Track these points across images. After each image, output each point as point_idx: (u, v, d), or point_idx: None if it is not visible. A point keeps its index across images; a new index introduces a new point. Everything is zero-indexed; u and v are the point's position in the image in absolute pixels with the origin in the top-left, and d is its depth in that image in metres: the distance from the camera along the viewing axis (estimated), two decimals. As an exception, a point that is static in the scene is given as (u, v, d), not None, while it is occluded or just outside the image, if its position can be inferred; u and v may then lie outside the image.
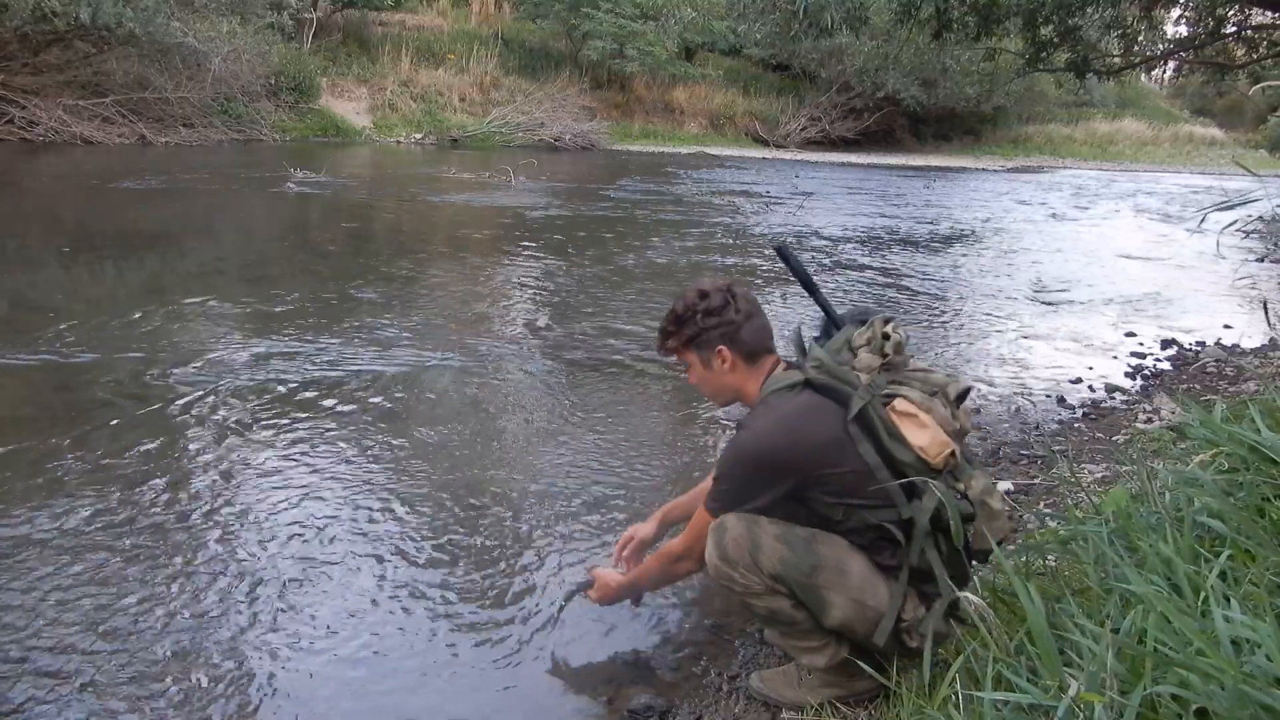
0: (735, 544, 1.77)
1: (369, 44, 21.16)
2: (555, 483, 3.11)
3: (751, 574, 1.77)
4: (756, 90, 26.51)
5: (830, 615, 1.76)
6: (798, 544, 1.76)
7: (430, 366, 4.29)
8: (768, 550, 1.75)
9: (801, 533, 1.77)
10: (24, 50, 13.55)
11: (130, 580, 2.34)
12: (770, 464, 1.77)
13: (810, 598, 1.76)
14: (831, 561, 1.75)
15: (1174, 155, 30.90)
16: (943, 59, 22.82)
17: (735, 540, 1.77)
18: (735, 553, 1.77)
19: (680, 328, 1.93)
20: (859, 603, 1.75)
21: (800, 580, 1.75)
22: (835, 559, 1.75)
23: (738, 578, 1.78)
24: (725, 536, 1.78)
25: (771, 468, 1.77)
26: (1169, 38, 14.08)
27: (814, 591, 1.75)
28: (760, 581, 1.77)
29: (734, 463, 1.82)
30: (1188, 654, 1.21)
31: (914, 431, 1.72)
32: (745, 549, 1.76)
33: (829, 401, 1.76)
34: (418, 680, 2.06)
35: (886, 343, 1.80)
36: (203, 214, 8.77)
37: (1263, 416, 1.85)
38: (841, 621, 1.76)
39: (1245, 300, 7.35)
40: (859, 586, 1.75)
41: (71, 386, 3.80)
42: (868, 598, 1.75)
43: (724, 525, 1.79)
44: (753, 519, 1.78)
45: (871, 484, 1.71)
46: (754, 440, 1.80)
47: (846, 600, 1.74)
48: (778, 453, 1.77)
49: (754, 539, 1.76)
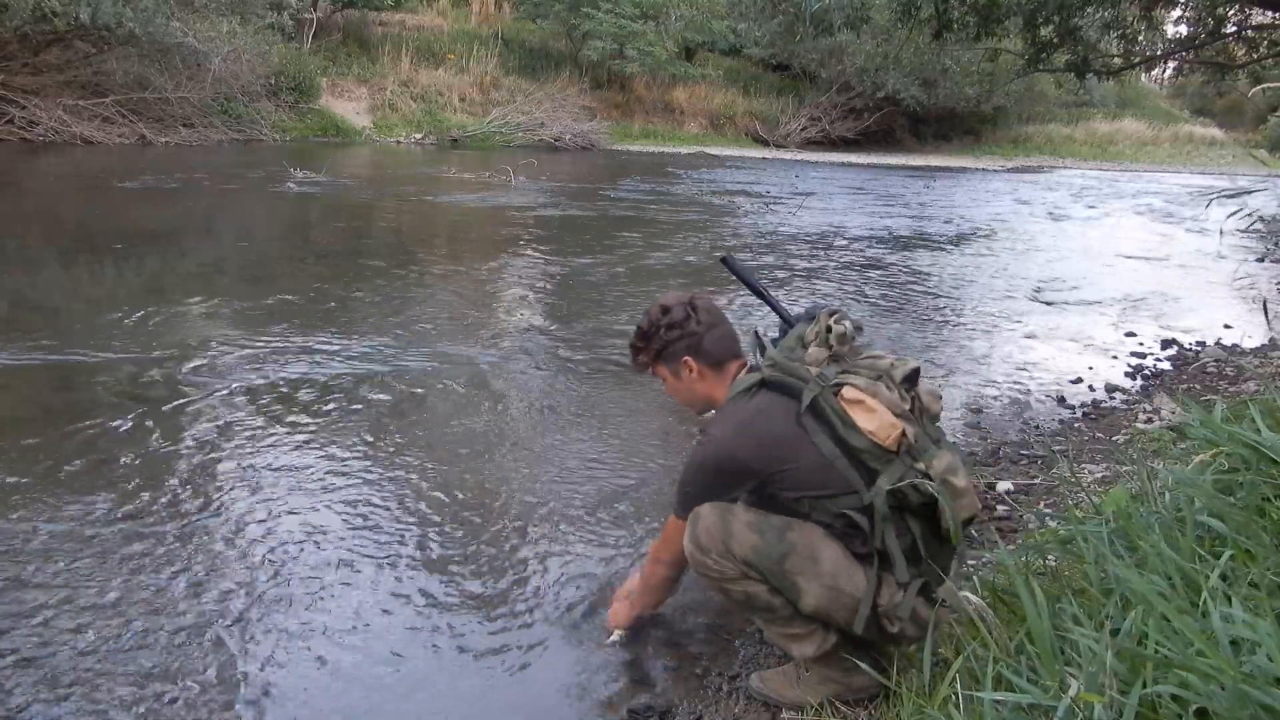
0: (708, 532, 1.82)
1: (369, 44, 21.17)
2: (557, 483, 3.12)
3: (725, 560, 1.81)
4: (756, 90, 26.52)
5: (805, 601, 1.79)
6: (770, 532, 1.79)
7: (431, 367, 4.29)
8: (740, 538, 1.80)
9: (775, 521, 1.81)
10: (24, 50, 13.55)
11: (129, 580, 2.34)
12: (729, 470, 1.84)
13: (783, 584, 1.79)
14: (803, 549, 1.78)
15: (1174, 155, 30.90)
16: (943, 59, 22.83)
17: (708, 529, 1.83)
18: (708, 540, 1.82)
19: (647, 343, 2.03)
20: (833, 589, 1.77)
21: (771, 567, 1.78)
22: (807, 546, 1.78)
23: (711, 564, 1.83)
24: (699, 525, 1.84)
25: (730, 473, 1.84)
26: (1169, 38, 14.08)
27: (786, 578, 1.78)
28: (734, 568, 1.81)
29: (696, 471, 1.90)
30: (1188, 654, 1.21)
31: (863, 416, 1.76)
32: (718, 537, 1.81)
33: (783, 398, 1.81)
34: (418, 681, 2.06)
35: (829, 335, 1.85)
36: (203, 214, 8.77)
37: (1263, 416, 1.85)
38: (816, 607, 1.79)
39: (1245, 300, 7.36)
40: (831, 573, 1.77)
41: (71, 386, 3.80)
42: (842, 584, 1.77)
43: (698, 514, 1.85)
44: (726, 507, 1.84)
45: (830, 475, 1.75)
46: (713, 448, 1.86)
47: (820, 587, 1.77)
48: (735, 458, 1.83)
49: (727, 527, 1.81)
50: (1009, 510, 2.96)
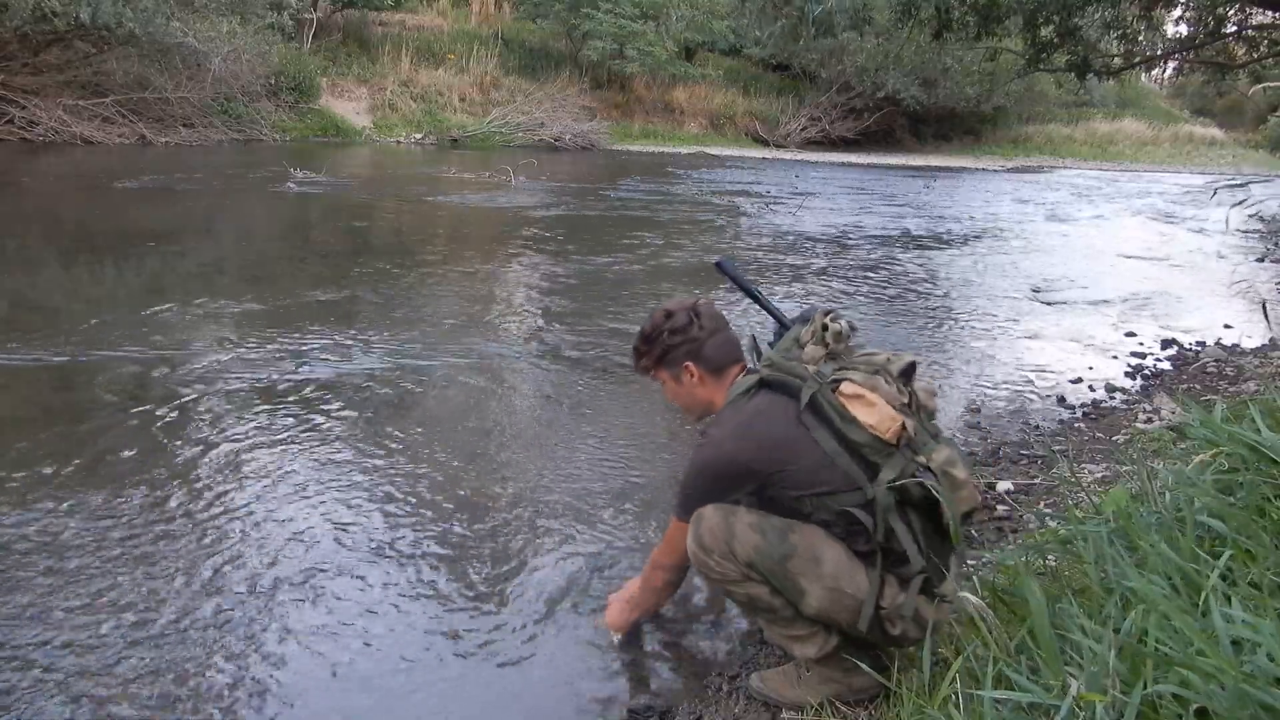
0: (711, 533, 1.82)
1: (369, 44, 21.17)
2: (558, 483, 3.11)
3: (727, 561, 1.82)
4: (756, 90, 26.52)
5: (807, 603, 1.79)
6: (772, 533, 1.79)
7: (431, 367, 4.29)
8: (742, 539, 1.80)
9: (777, 522, 1.81)
10: (24, 50, 13.55)
11: (129, 579, 2.34)
12: (729, 472, 1.84)
13: (785, 585, 1.79)
14: (805, 550, 1.78)
15: (1174, 155, 30.89)
16: (943, 59, 22.83)
17: (711, 529, 1.83)
18: (711, 541, 1.82)
19: (650, 347, 2.05)
20: (835, 590, 1.77)
21: (773, 569, 1.78)
22: (809, 547, 1.78)
23: (714, 565, 1.83)
24: (702, 526, 1.84)
25: (730, 476, 1.84)
26: (1169, 37, 14.08)
27: (788, 579, 1.78)
28: (736, 569, 1.81)
29: (696, 474, 1.90)
30: (1188, 654, 1.21)
31: (862, 410, 1.77)
32: (721, 538, 1.81)
33: (782, 397, 1.83)
34: (419, 681, 2.06)
35: (825, 333, 1.87)
36: (203, 214, 8.77)
37: (1263, 416, 1.85)
38: (819, 609, 1.79)
39: (1245, 300, 7.35)
40: (834, 574, 1.77)
41: (71, 386, 3.80)
42: (844, 585, 1.77)
43: (701, 515, 1.85)
44: (730, 509, 1.84)
45: (831, 471, 1.76)
46: (713, 451, 1.87)
47: (821, 588, 1.77)
48: (736, 461, 1.83)
49: (730, 528, 1.81)
50: (1009, 510, 2.96)
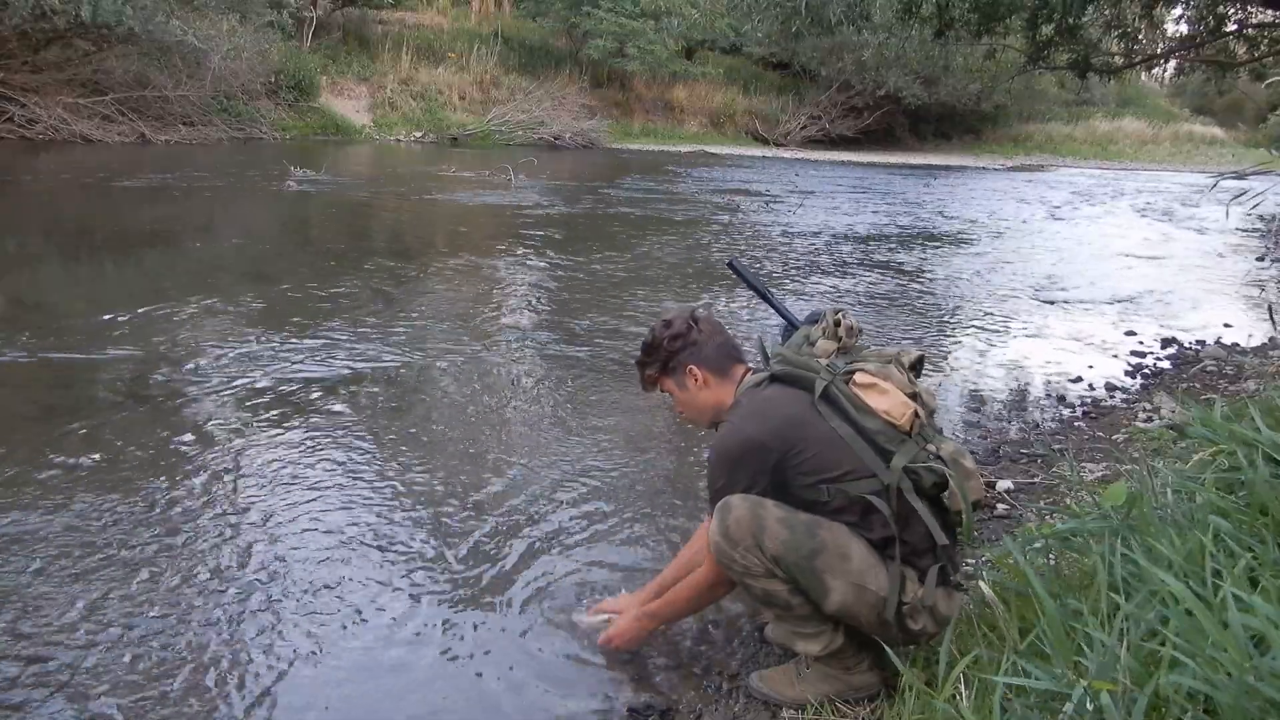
0: (738, 524, 1.80)
1: (369, 42, 21.17)
2: (559, 483, 3.11)
3: (752, 554, 1.79)
4: (756, 89, 26.51)
5: (830, 600, 1.79)
6: (800, 528, 1.79)
7: (432, 365, 4.29)
8: (772, 532, 1.78)
9: (804, 517, 1.81)
10: (24, 48, 13.54)
11: (129, 578, 2.34)
12: (748, 452, 1.84)
13: (810, 581, 1.78)
14: (833, 546, 1.78)
15: (1174, 154, 30.87)
16: (944, 57, 22.79)
17: (739, 520, 1.80)
18: (738, 532, 1.80)
19: (652, 356, 2.06)
20: (859, 586, 1.77)
21: (801, 563, 1.78)
22: (837, 543, 1.78)
23: (738, 557, 1.81)
24: (729, 516, 1.81)
25: (750, 457, 1.84)
26: (1169, 36, 14.06)
27: (814, 575, 1.78)
28: (760, 563, 1.80)
29: (718, 461, 1.89)
30: (1202, 648, 1.20)
31: (876, 398, 1.81)
32: (749, 529, 1.79)
33: (795, 389, 1.86)
34: (417, 681, 2.06)
35: (838, 328, 1.93)
36: (203, 212, 8.77)
37: (1263, 415, 1.85)
38: (841, 605, 1.79)
39: (1245, 300, 7.36)
40: (859, 570, 1.77)
41: (71, 385, 3.80)
42: (868, 581, 1.77)
43: (729, 505, 1.82)
44: (758, 501, 1.81)
45: (847, 454, 1.79)
46: (730, 433, 1.89)
47: (846, 584, 1.77)
48: (752, 439, 1.84)
49: (758, 520, 1.79)
50: (1009, 509, 2.97)
